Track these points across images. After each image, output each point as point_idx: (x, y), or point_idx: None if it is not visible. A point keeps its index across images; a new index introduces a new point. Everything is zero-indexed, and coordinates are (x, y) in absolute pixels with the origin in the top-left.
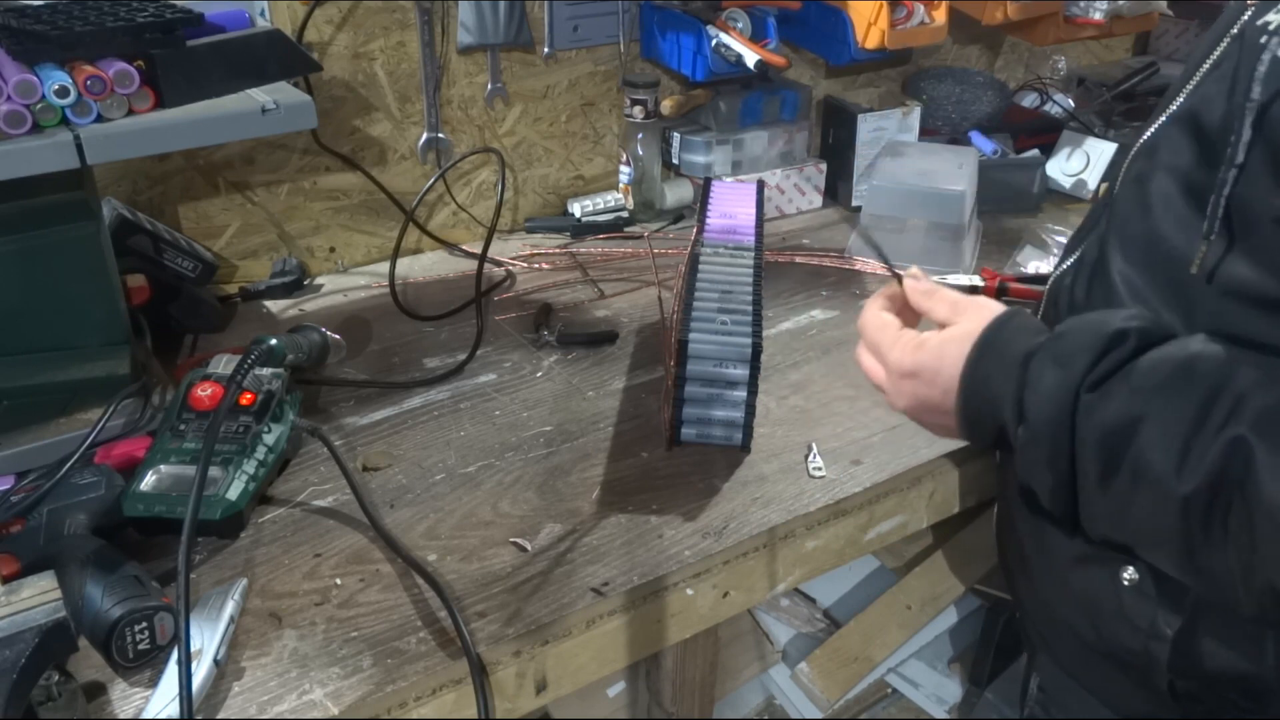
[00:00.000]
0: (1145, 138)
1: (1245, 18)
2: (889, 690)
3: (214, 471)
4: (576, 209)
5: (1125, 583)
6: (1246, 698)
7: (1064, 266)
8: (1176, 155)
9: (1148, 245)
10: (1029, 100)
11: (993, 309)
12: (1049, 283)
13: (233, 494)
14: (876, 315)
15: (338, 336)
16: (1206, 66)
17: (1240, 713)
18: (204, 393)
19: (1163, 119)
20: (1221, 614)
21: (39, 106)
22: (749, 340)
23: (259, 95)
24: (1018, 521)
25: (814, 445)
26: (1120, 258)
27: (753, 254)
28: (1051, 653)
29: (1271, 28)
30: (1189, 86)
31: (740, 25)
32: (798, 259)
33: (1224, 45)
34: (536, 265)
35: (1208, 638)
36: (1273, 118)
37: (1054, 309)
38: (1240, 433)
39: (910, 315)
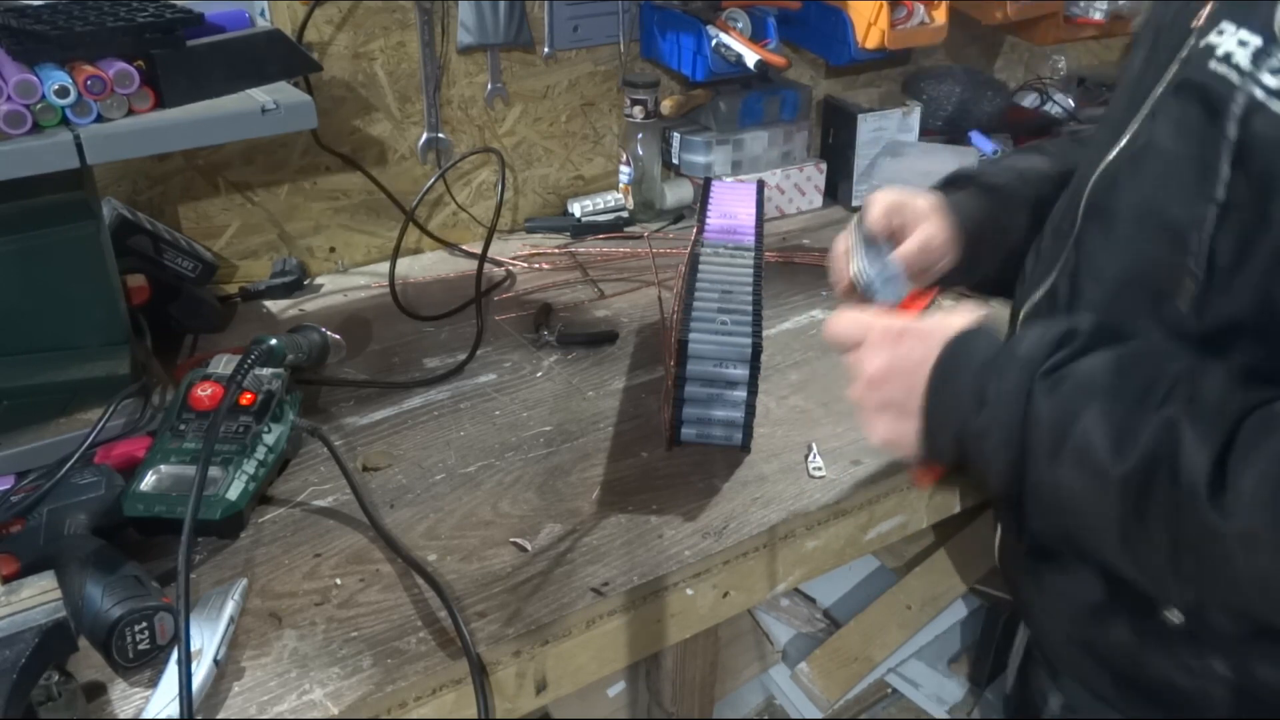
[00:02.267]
0: (1103, 167)
1: (1191, 41)
2: (889, 690)
3: (214, 471)
4: (576, 209)
5: (1172, 623)
6: None
7: (1035, 299)
8: (1145, 190)
9: (1126, 282)
10: (1029, 100)
11: (949, 322)
12: (1020, 314)
13: (233, 494)
14: (849, 314)
15: (338, 336)
16: (1159, 91)
17: None
18: (204, 393)
19: (1119, 147)
20: (1272, 637)
21: (39, 106)
22: (749, 340)
23: (259, 95)
24: (1038, 565)
25: (814, 445)
26: (1096, 293)
27: (753, 254)
28: (1080, 679)
29: (1234, 61)
30: (1143, 112)
31: (740, 25)
32: (797, 259)
33: (1174, 70)
34: (536, 265)
35: (1266, 673)
36: (1252, 154)
37: None
38: (1171, 413)
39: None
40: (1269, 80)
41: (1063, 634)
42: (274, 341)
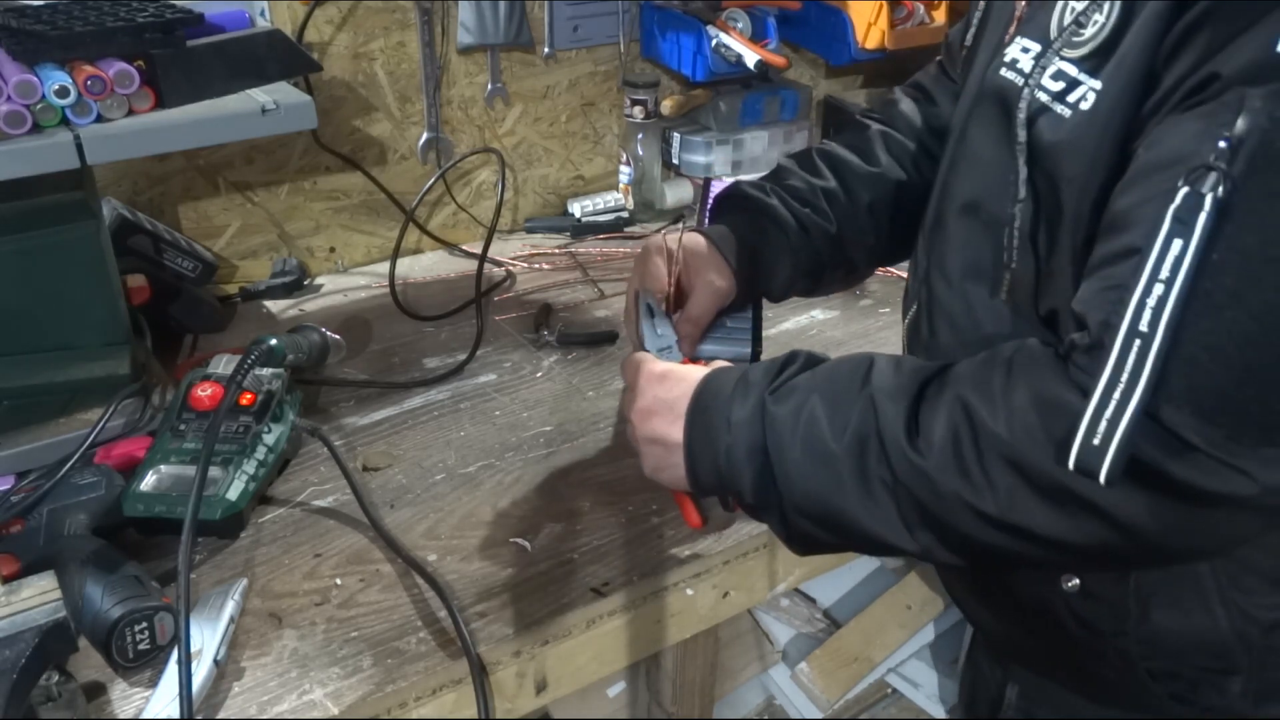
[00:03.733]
0: (941, 172)
1: (1004, 54)
2: (889, 690)
3: (214, 471)
4: (576, 209)
5: (1068, 589)
6: (1212, 658)
7: (912, 311)
8: (966, 190)
9: (965, 278)
10: None
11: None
12: (905, 330)
13: (233, 494)
14: (631, 356)
15: (338, 336)
16: (968, 99)
17: (1211, 674)
18: (204, 393)
19: (949, 151)
20: (1167, 593)
21: (39, 106)
22: (748, 350)
23: (259, 95)
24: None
25: None
26: (946, 293)
27: None
28: (1025, 663)
29: (1019, 67)
30: (959, 117)
31: (740, 25)
32: None
33: (983, 76)
34: (536, 265)
35: (1163, 618)
36: (1041, 153)
37: (911, 353)
38: (870, 390)
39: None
40: (1048, 83)
41: (988, 615)
42: (274, 341)
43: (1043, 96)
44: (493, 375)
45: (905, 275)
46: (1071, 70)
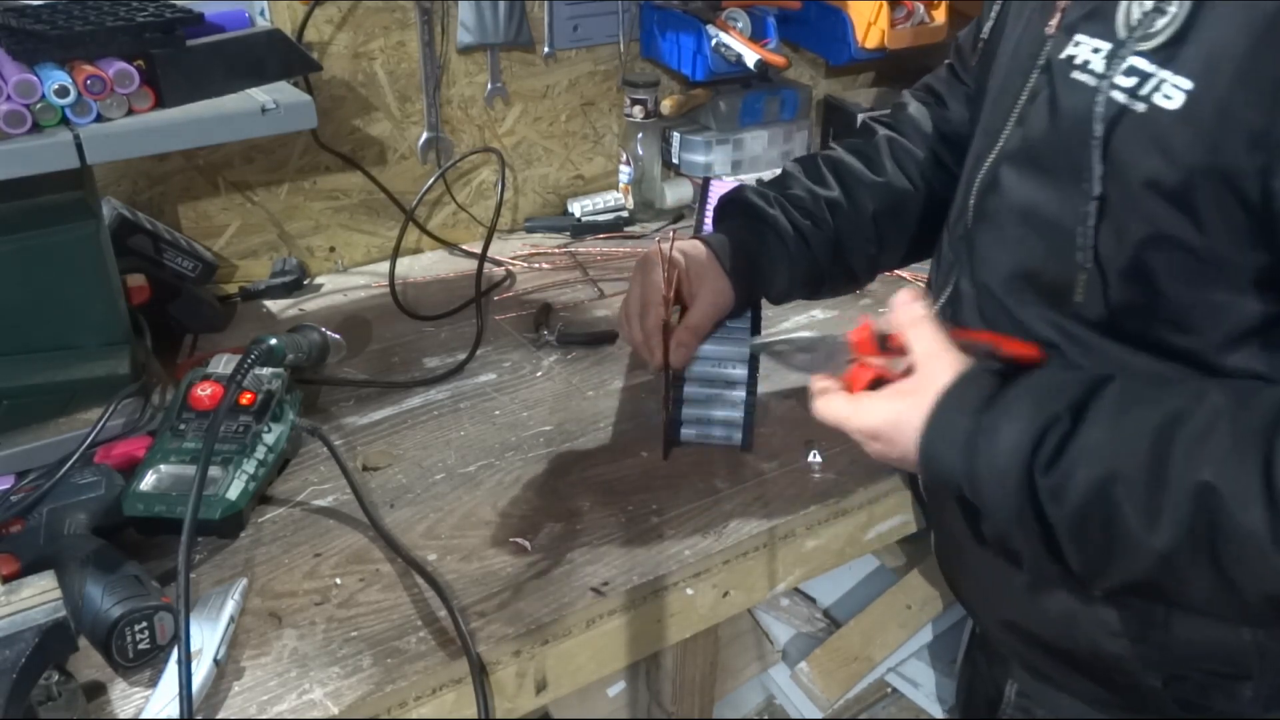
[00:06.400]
0: (983, 173)
1: (1048, 48)
2: (889, 690)
3: (214, 471)
4: (576, 209)
5: (1098, 594)
6: (1227, 664)
7: (940, 303)
8: (1022, 192)
9: (1018, 279)
10: None
11: (939, 374)
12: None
13: (233, 494)
14: (825, 402)
15: (338, 336)
16: (1024, 98)
17: (1222, 679)
18: (204, 392)
19: (996, 151)
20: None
21: (39, 106)
22: (748, 349)
23: (259, 95)
24: (967, 554)
25: (814, 445)
26: (993, 292)
27: None
28: (1027, 664)
29: (1091, 68)
30: (1012, 118)
31: (740, 25)
32: None
33: (1035, 77)
34: (536, 265)
35: (1184, 628)
36: (1117, 150)
37: None
38: (1204, 479)
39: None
40: (1121, 80)
41: (997, 617)
42: (274, 341)
43: (1119, 96)
44: (493, 375)
45: (907, 275)
46: (1144, 64)
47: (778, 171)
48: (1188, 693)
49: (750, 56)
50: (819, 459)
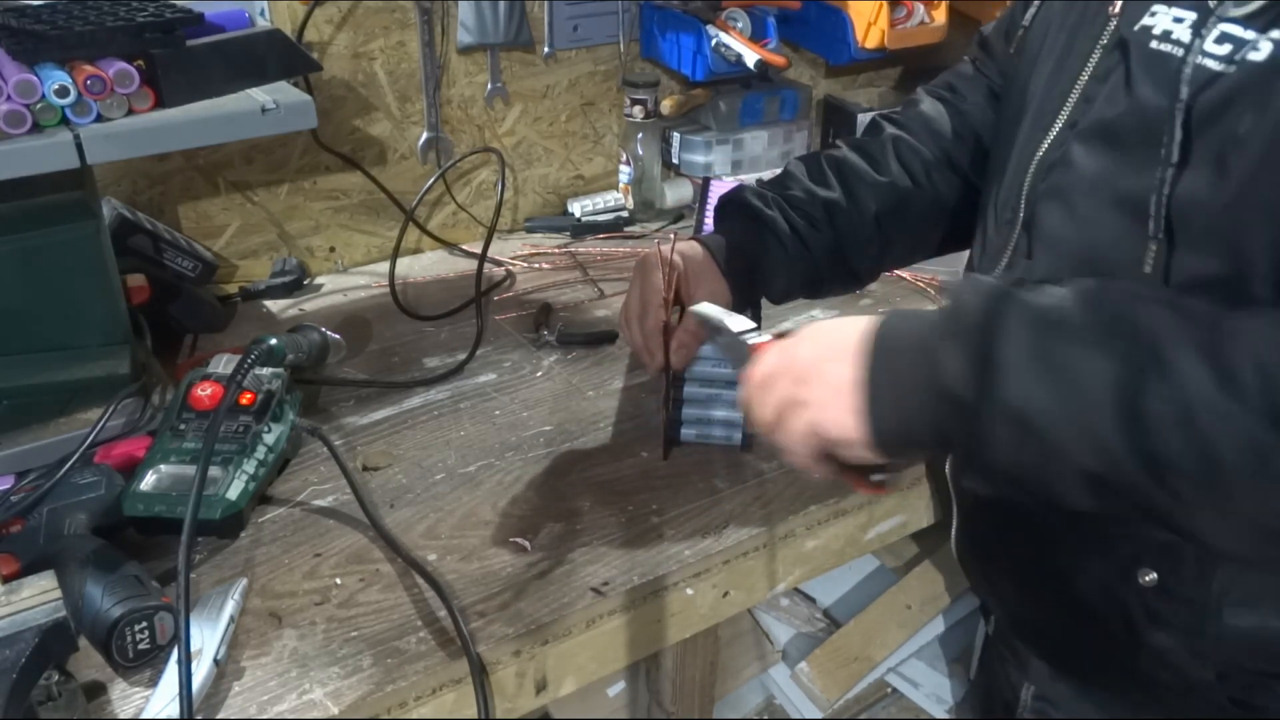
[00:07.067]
0: (1042, 152)
1: (1113, 26)
2: (889, 690)
3: (214, 471)
4: (576, 209)
5: (1145, 584)
6: (1274, 661)
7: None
8: (1095, 166)
9: (1087, 261)
10: None
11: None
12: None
13: (233, 494)
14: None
15: (338, 336)
16: (1085, 78)
17: (1268, 679)
18: (204, 392)
19: (1054, 133)
20: (1243, 592)
21: (39, 106)
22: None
23: (259, 95)
24: (996, 542)
25: None
26: (1056, 272)
27: None
28: (1058, 664)
29: (1175, 37)
30: (1074, 97)
31: (740, 25)
32: None
33: (1098, 55)
34: (536, 265)
35: (1235, 617)
36: (1207, 115)
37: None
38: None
39: None
40: (1213, 48)
41: (1026, 609)
42: (274, 341)
43: (1210, 64)
44: (493, 375)
45: (907, 276)
46: (1237, 30)
47: (779, 171)
48: (1234, 691)
49: (750, 56)
50: None
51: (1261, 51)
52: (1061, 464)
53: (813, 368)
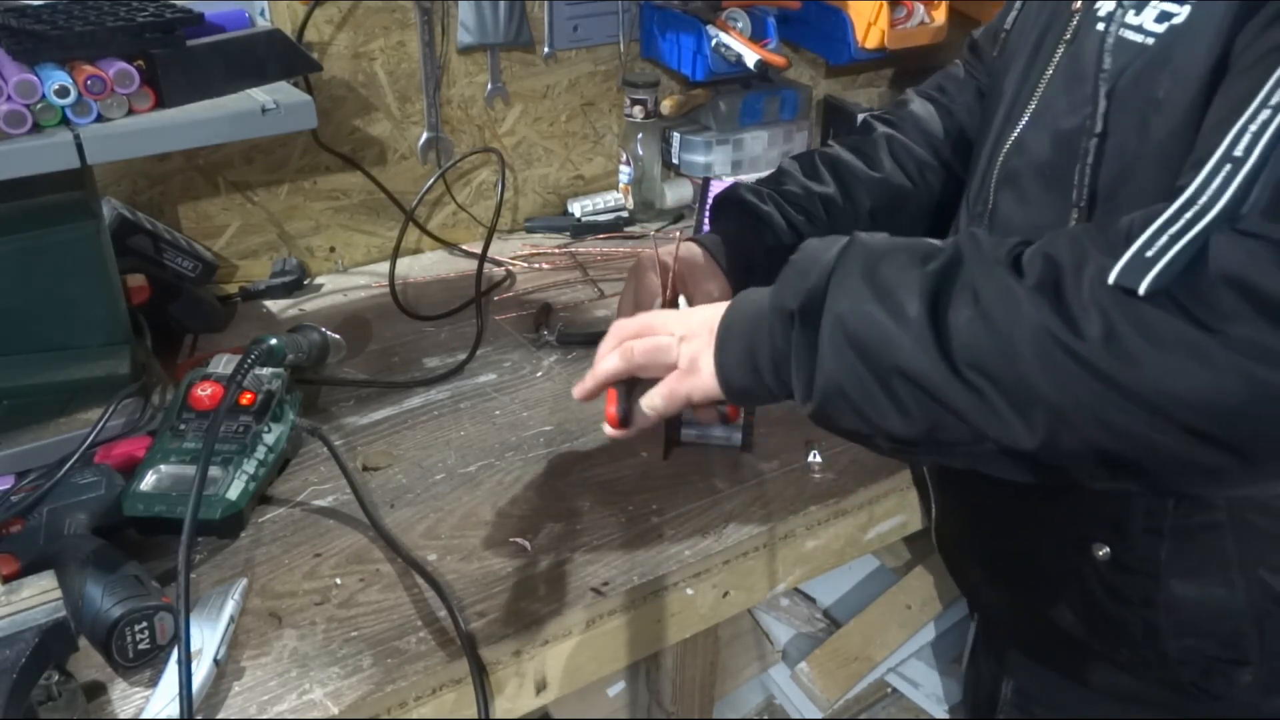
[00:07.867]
0: (1008, 146)
1: (1075, 23)
2: (889, 690)
3: (214, 471)
4: (576, 209)
5: (1100, 558)
6: (1225, 645)
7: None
8: (1040, 149)
9: (1033, 236)
10: None
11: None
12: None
13: (233, 494)
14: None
15: (338, 336)
16: (1050, 73)
17: (1222, 664)
18: (204, 392)
19: (1020, 127)
20: (1188, 560)
21: (39, 106)
22: None
23: (259, 95)
24: (968, 530)
25: (814, 445)
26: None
27: None
28: (1032, 652)
29: (1105, 14)
30: (1037, 94)
31: (740, 25)
32: None
33: (1061, 51)
34: (536, 265)
35: (1182, 588)
36: (1125, 83)
37: None
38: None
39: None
40: (1140, 21)
41: (1000, 598)
42: (274, 341)
43: (1132, 36)
44: (493, 375)
45: None
46: (1171, 7)
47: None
48: (1190, 674)
49: (750, 57)
50: (819, 459)
51: (1181, 15)
52: (881, 368)
53: (685, 316)
